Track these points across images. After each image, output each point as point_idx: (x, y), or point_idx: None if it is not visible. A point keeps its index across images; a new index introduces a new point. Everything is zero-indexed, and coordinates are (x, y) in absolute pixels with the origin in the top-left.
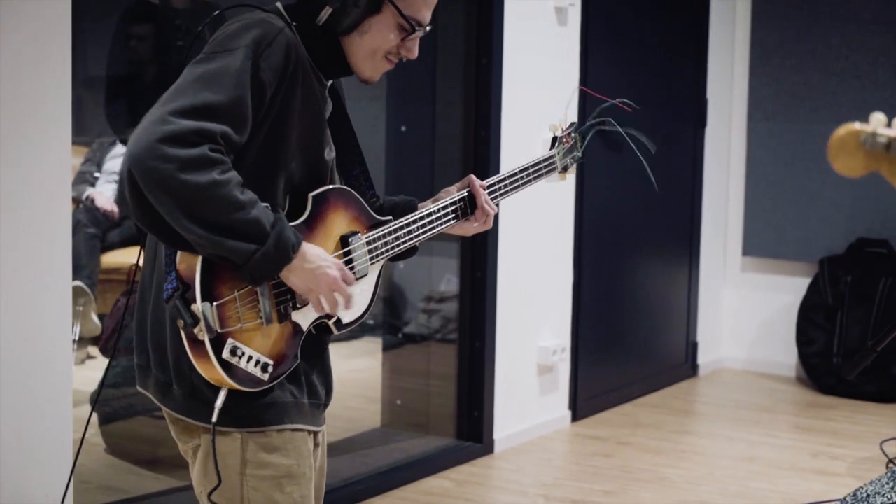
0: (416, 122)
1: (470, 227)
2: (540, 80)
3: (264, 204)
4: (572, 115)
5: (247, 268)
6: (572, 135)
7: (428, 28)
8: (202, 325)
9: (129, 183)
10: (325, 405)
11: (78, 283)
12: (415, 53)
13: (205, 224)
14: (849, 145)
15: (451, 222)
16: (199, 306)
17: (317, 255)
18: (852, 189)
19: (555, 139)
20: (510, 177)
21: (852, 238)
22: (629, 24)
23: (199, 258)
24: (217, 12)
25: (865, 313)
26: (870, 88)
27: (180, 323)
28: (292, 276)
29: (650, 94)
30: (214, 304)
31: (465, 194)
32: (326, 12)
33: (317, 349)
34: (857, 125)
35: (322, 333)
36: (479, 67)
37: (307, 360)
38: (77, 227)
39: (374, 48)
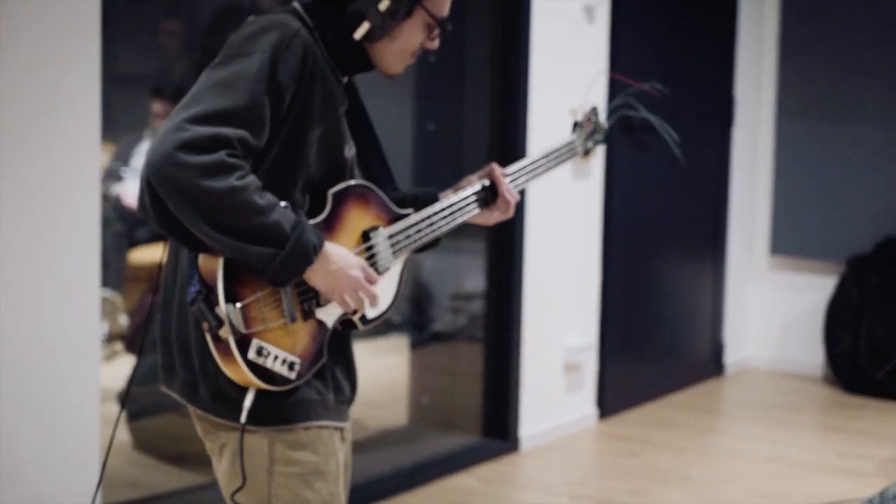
0: (443, 121)
1: (491, 217)
2: (568, 79)
3: (284, 204)
4: (594, 100)
5: (268, 272)
6: (592, 119)
7: (448, 25)
8: (227, 326)
9: (148, 190)
10: (351, 401)
11: (106, 293)
12: (437, 45)
13: (224, 230)
14: None
15: (474, 212)
16: (223, 308)
17: (339, 255)
18: (880, 188)
19: (575, 124)
20: (531, 164)
21: (879, 237)
22: (657, 23)
23: (221, 260)
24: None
25: (892, 313)
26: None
27: (205, 325)
28: (315, 277)
29: (678, 93)
30: (238, 305)
31: (487, 183)
32: (364, 27)
33: (341, 345)
34: None
35: (346, 329)
36: (506, 66)
37: (332, 356)
38: (104, 224)
39: (403, 49)
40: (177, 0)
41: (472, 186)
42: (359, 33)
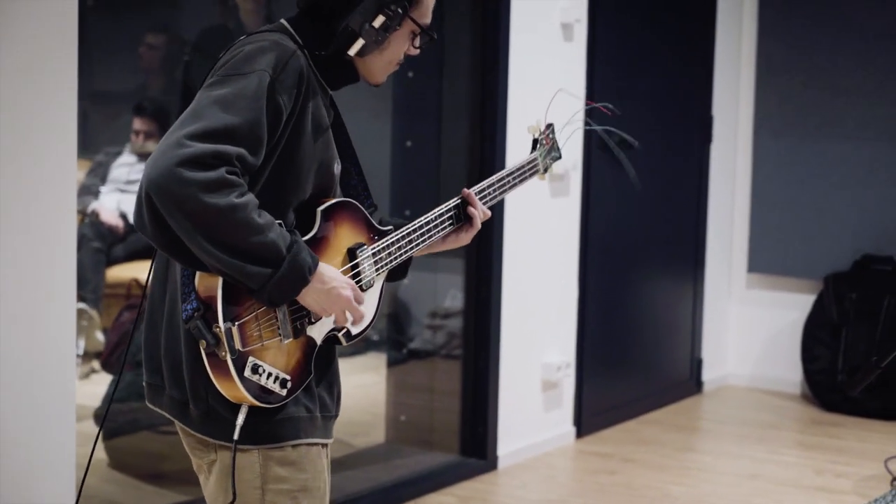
0: (421, 137)
1: (464, 237)
2: (546, 96)
3: (278, 221)
4: (550, 117)
5: (263, 291)
6: (551, 136)
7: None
8: (224, 344)
9: (148, 206)
10: (335, 416)
11: (81, 305)
12: (418, 51)
13: (223, 247)
14: None
15: (448, 228)
16: (221, 326)
17: (331, 275)
18: (858, 206)
19: (535, 141)
20: (498, 181)
21: (857, 255)
22: (635, 40)
23: (220, 279)
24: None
25: (870, 330)
26: (876, 105)
27: (203, 344)
28: (307, 297)
29: (656, 110)
30: (236, 323)
31: (459, 201)
32: (359, 44)
33: (326, 361)
34: None
35: (331, 345)
36: (484, 83)
37: (317, 372)
38: (82, 241)
39: (390, 59)
40: (160, 16)
41: (446, 204)
42: (353, 50)
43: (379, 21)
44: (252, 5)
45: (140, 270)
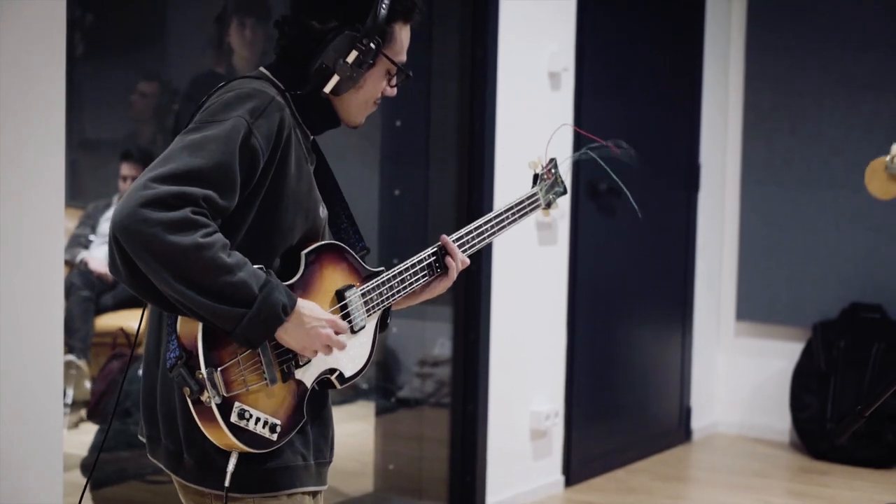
0: (409, 186)
1: (439, 287)
2: (533, 144)
3: (258, 266)
4: (555, 153)
5: (237, 332)
6: (553, 171)
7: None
8: (208, 391)
9: (117, 248)
10: (329, 462)
11: (70, 357)
12: (395, 91)
13: (192, 287)
14: (878, 172)
15: (425, 278)
16: (203, 372)
17: (310, 314)
18: (845, 253)
19: (536, 176)
20: (495, 217)
21: (845, 303)
22: (622, 89)
23: (200, 325)
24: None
25: (859, 378)
26: (863, 152)
27: (186, 391)
28: (286, 336)
29: (643, 158)
30: (219, 369)
31: (437, 248)
32: (334, 81)
33: (319, 406)
34: (883, 157)
35: (324, 389)
36: (472, 132)
37: (311, 417)
38: (71, 290)
39: (367, 98)
40: (151, 64)
41: (427, 250)
42: (328, 87)
43: (352, 56)
44: (247, 53)
45: (128, 319)
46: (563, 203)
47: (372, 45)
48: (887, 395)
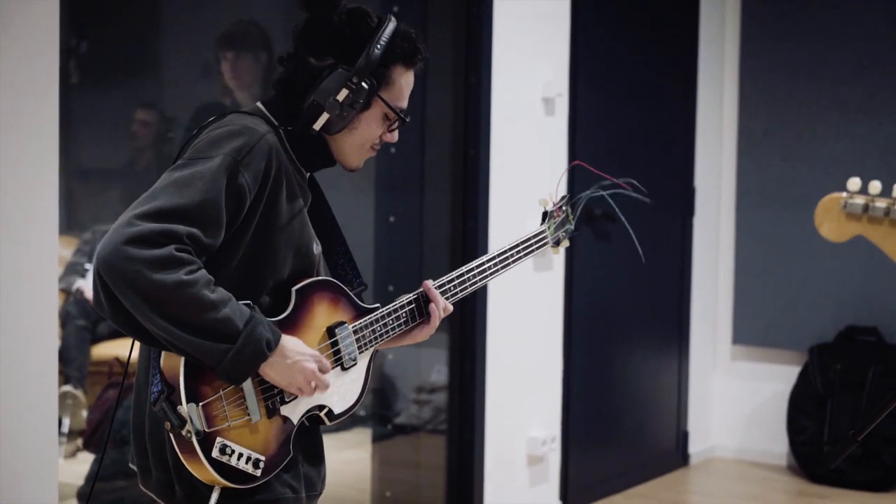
0: (404, 213)
1: (419, 335)
2: (528, 170)
3: (244, 302)
4: (562, 190)
5: (221, 368)
6: (563, 208)
7: (407, 116)
8: (189, 426)
9: (101, 285)
10: (320, 494)
11: (67, 387)
12: (396, 137)
13: (176, 323)
14: (832, 211)
15: (404, 325)
16: (184, 408)
17: (294, 350)
18: (841, 277)
19: (545, 213)
20: (498, 255)
21: (841, 326)
22: (617, 114)
23: (182, 359)
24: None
25: (855, 401)
26: (857, 176)
27: (167, 425)
28: (270, 372)
29: (639, 183)
30: (200, 404)
31: (419, 294)
32: (324, 118)
33: (311, 439)
34: (836, 193)
35: (314, 425)
36: (466, 158)
37: (303, 451)
38: (67, 319)
39: (363, 142)
40: (147, 92)
41: (408, 296)
42: (318, 124)
43: (342, 95)
44: (237, 84)
45: (124, 348)
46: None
47: (364, 84)
48: (880, 419)
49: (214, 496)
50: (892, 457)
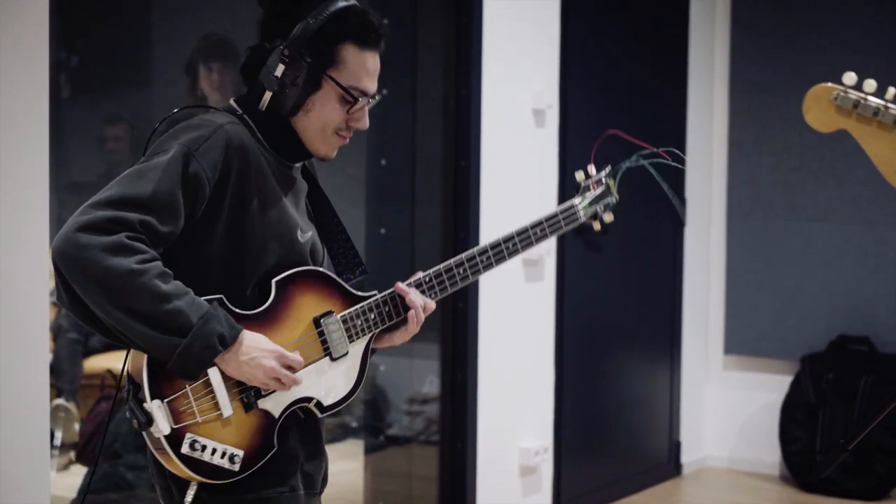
0: (395, 224)
1: (397, 337)
2: (519, 181)
3: (215, 297)
4: (593, 163)
5: (172, 362)
6: (603, 180)
7: (375, 98)
8: (156, 423)
9: (58, 275)
10: (321, 492)
11: (59, 400)
12: (365, 124)
13: (127, 313)
14: (822, 100)
15: (383, 324)
16: (149, 405)
17: (253, 345)
18: (833, 286)
19: (580, 187)
20: (519, 233)
21: (833, 335)
22: (607, 125)
23: (146, 357)
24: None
25: (847, 411)
26: (846, 185)
27: (135, 423)
28: (227, 368)
29: (629, 193)
30: (165, 400)
31: (390, 294)
32: (267, 97)
33: (314, 437)
34: (830, 84)
35: (307, 417)
36: (457, 170)
37: (303, 447)
38: (59, 332)
39: (321, 125)
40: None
41: (380, 295)
42: (263, 103)
43: (280, 70)
44: (219, 97)
45: (117, 360)
46: (550, 240)
47: (304, 60)
48: (871, 428)
49: (191, 492)
50: (883, 466)
